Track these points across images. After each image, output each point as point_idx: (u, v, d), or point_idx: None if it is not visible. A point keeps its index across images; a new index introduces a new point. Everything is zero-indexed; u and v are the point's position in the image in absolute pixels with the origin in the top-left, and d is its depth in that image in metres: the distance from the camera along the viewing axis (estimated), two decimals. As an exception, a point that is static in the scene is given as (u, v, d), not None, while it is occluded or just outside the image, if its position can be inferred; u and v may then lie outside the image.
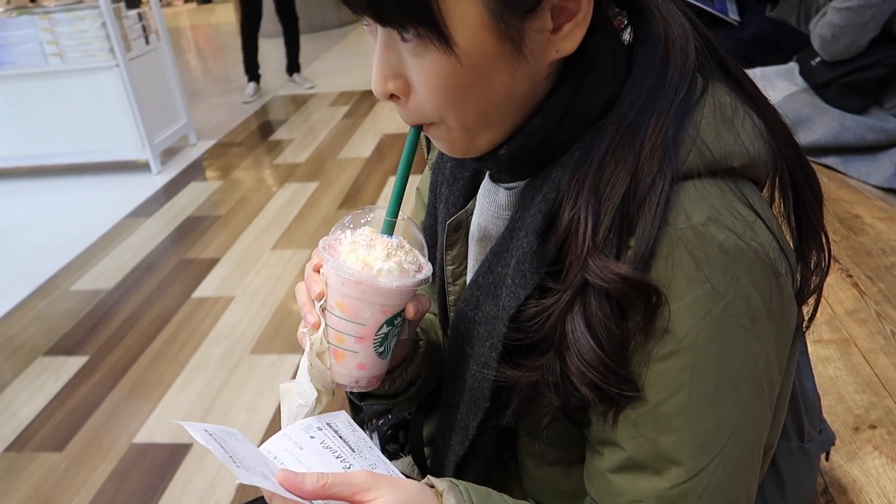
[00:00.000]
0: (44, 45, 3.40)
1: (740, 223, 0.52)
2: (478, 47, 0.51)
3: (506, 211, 0.65)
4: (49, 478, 1.72)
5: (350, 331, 0.61)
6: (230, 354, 2.13)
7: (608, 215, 0.52)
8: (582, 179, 0.54)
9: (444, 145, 0.60)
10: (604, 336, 0.53)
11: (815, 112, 2.40)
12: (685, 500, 0.55)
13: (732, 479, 0.56)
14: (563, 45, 0.53)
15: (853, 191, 2.28)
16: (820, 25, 2.32)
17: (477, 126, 0.57)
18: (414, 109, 0.57)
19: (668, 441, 0.55)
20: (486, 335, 0.61)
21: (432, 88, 0.54)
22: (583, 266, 0.52)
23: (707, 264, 0.51)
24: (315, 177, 3.48)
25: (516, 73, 0.54)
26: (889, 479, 1.20)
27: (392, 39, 0.54)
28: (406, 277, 0.59)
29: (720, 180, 0.54)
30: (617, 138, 0.54)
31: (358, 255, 0.59)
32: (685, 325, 0.52)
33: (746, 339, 0.53)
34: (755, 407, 0.56)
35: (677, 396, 0.53)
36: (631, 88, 0.56)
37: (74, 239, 2.98)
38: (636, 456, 0.56)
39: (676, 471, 0.55)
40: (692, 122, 0.54)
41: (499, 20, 0.51)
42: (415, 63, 0.53)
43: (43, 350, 2.24)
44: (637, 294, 0.51)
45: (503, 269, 0.60)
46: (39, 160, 3.68)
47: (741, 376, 0.54)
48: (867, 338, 1.55)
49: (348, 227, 0.63)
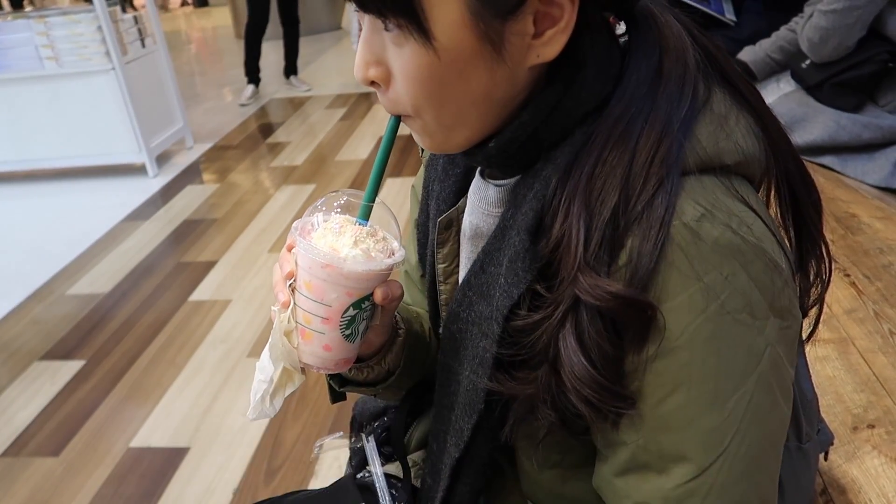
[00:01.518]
0: (39, 48, 3.39)
1: (735, 219, 0.52)
2: (457, 44, 0.51)
3: (496, 208, 0.65)
4: (45, 483, 1.71)
5: (317, 311, 0.61)
6: (227, 358, 2.12)
7: (598, 230, 0.52)
8: (572, 191, 0.54)
9: (421, 139, 0.61)
10: (596, 354, 0.52)
11: (810, 112, 2.41)
12: (690, 499, 0.55)
13: (742, 479, 0.55)
14: (545, 50, 0.53)
15: (850, 190, 2.28)
16: (807, 28, 2.32)
17: (453, 123, 0.57)
18: (392, 99, 0.57)
19: (669, 440, 0.54)
20: (480, 335, 0.60)
21: (410, 80, 0.54)
22: (573, 282, 0.52)
23: (701, 261, 0.50)
24: (312, 179, 3.48)
25: (495, 74, 0.54)
26: (888, 479, 1.20)
27: (377, 26, 0.54)
28: (372, 263, 0.60)
29: (713, 177, 0.54)
30: (607, 150, 0.53)
31: (327, 240, 0.61)
32: (680, 323, 0.51)
33: (748, 336, 0.52)
34: (764, 404, 0.55)
35: (676, 395, 0.53)
36: (622, 97, 0.55)
37: (71, 243, 2.97)
38: (639, 456, 0.56)
39: (680, 470, 0.54)
40: (688, 122, 0.54)
41: (479, 20, 0.51)
42: (395, 52, 0.54)
43: (39, 354, 2.23)
44: (630, 311, 0.51)
45: (496, 268, 0.59)
46: (35, 164, 3.68)
47: (744, 373, 0.53)
48: (865, 337, 1.55)
49: (321, 210, 0.64)
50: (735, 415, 0.53)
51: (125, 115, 3.47)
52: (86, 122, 3.50)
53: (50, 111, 3.49)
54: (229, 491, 1.62)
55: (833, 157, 2.39)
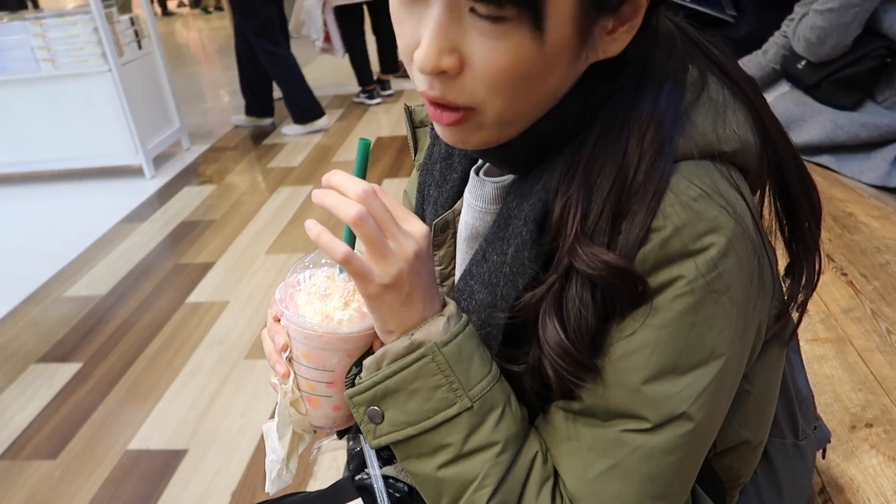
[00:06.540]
0: (35, 50, 3.38)
1: (730, 206, 0.53)
2: (560, 38, 0.50)
3: (493, 205, 0.65)
4: (43, 486, 1.70)
5: (320, 378, 0.61)
6: (225, 359, 2.12)
7: (598, 203, 0.52)
8: (574, 170, 0.54)
9: (459, 134, 0.56)
10: (572, 319, 0.53)
11: (807, 111, 2.41)
12: (618, 449, 0.55)
13: (673, 453, 0.55)
14: (611, 47, 0.53)
15: (847, 189, 2.28)
16: (803, 29, 2.32)
17: (514, 118, 0.55)
18: (459, 89, 0.52)
19: (618, 398, 0.54)
20: (481, 325, 0.60)
21: (498, 72, 0.50)
22: (570, 251, 0.52)
23: (695, 240, 0.51)
24: (309, 181, 3.47)
25: (570, 68, 0.53)
26: (886, 478, 1.20)
27: (460, 12, 0.49)
28: (367, 320, 0.59)
29: (711, 163, 0.55)
30: (607, 127, 0.54)
31: (315, 307, 0.59)
32: (665, 297, 0.52)
33: (722, 320, 0.53)
34: (716, 396, 0.55)
35: (638, 355, 0.53)
36: (622, 88, 0.56)
37: (67, 245, 2.97)
38: (590, 407, 0.56)
39: (621, 423, 0.55)
40: (685, 110, 0.55)
41: (584, 15, 0.50)
42: (485, 43, 0.49)
43: (36, 357, 2.22)
44: (621, 283, 0.51)
45: (499, 257, 0.59)
46: (32, 166, 3.67)
47: (709, 356, 0.53)
48: (862, 336, 1.55)
49: (308, 267, 0.63)
50: (686, 393, 0.53)
51: (122, 116, 3.47)
52: (82, 124, 3.50)
53: (46, 113, 3.49)
54: (227, 493, 1.62)
55: (829, 156, 2.39)
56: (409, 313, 0.55)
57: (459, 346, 0.55)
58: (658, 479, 0.55)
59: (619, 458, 0.55)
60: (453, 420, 0.56)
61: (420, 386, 0.55)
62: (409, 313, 0.55)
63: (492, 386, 0.57)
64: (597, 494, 0.56)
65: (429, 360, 0.55)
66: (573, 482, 0.57)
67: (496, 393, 0.57)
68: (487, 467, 0.56)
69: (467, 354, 0.56)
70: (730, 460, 0.67)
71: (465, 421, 0.56)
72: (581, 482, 0.56)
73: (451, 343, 0.55)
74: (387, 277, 0.53)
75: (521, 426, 0.59)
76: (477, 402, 0.56)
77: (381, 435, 0.58)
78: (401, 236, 0.53)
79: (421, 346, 0.55)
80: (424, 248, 0.55)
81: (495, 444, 0.56)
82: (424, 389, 0.55)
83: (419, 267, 0.54)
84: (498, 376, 0.58)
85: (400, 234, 0.53)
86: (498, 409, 0.57)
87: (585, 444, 0.56)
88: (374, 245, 0.52)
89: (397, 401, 0.56)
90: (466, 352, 0.56)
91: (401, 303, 0.54)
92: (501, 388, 0.58)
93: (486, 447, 0.56)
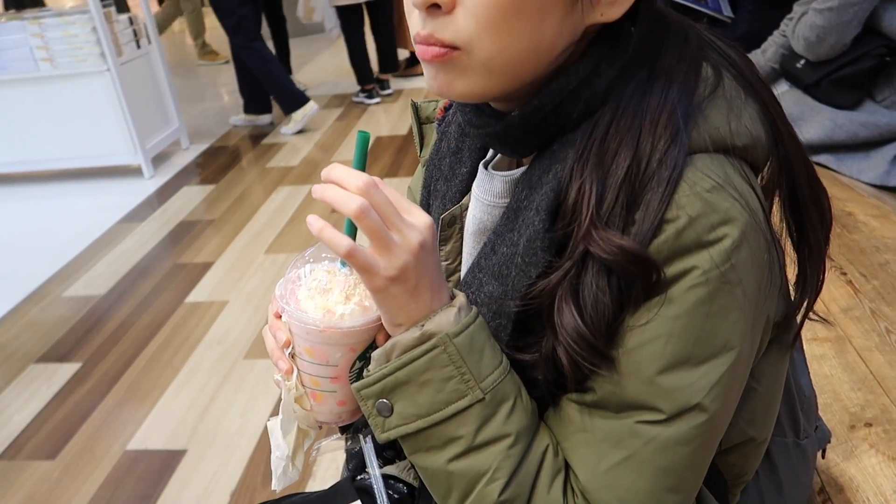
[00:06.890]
0: (34, 50, 3.38)
1: (742, 197, 0.53)
2: None
3: (502, 199, 0.65)
4: (42, 486, 1.70)
5: (324, 373, 0.61)
6: (224, 359, 2.12)
7: (613, 189, 0.52)
8: (587, 155, 0.54)
9: (447, 79, 0.56)
10: (588, 304, 0.53)
11: (807, 111, 2.41)
12: (632, 440, 0.55)
13: (688, 444, 0.55)
14: (609, 11, 0.54)
15: (846, 188, 2.28)
16: (803, 28, 2.32)
17: (501, 67, 0.55)
18: (450, 27, 0.53)
19: (633, 388, 0.54)
20: (491, 316, 0.60)
21: (489, 7, 0.51)
22: (585, 236, 0.52)
23: (709, 231, 0.51)
24: (308, 180, 3.47)
25: (563, 22, 0.54)
26: (885, 477, 1.20)
27: None
28: (369, 314, 0.59)
29: (723, 156, 0.55)
30: (619, 112, 0.55)
31: (316, 302, 0.59)
32: (681, 287, 0.52)
33: (735, 312, 0.53)
34: (729, 389, 0.55)
35: (653, 345, 0.53)
36: (632, 77, 0.56)
37: (66, 244, 2.96)
38: (604, 398, 0.56)
39: (634, 414, 0.55)
40: (698, 103, 0.55)
41: None
42: None
43: (35, 357, 2.22)
44: (636, 269, 0.51)
45: (509, 248, 0.59)
46: (31, 166, 3.67)
47: (722, 347, 0.53)
48: (862, 336, 1.55)
49: (308, 262, 0.62)
50: (700, 385, 0.53)
51: (121, 116, 3.46)
52: (81, 124, 3.49)
53: (45, 113, 3.48)
54: (227, 493, 1.62)
55: (829, 155, 2.39)
56: (416, 305, 0.55)
57: (471, 336, 0.55)
58: (672, 471, 0.55)
59: (633, 450, 0.55)
60: (465, 412, 0.55)
61: (431, 377, 0.55)
62: (416, 305, 0.55)
63: (503, 377, 0.56)
64: (610, 487, 0.56)
65: (440, 351, 0.54)
66: (586, 474, 0.57)
67: (507, 385, 0.57)
68: (499, 460, 0.55)
69: (479, 345, 0.56)
70: (734, 458, 0.67)
71: (476, 413, 0.55)
72: (594, 474, 0.56)
73: (463, 334, 0.54)
74: (392, 270, 0.52)
75: (531, 419, 0.58)
76: (489, 394, 0.55)
77: (389, 428, 0.57)
78: (405, 227, 0.53)
79: (432, 337, 0.54)
80: (429, 239, 0.54)
81: (507, 437, 0.56)
82: (435, 381, 0.55)
83: (425, 258, 0.54)
84: (508, 368, 0.58)
85: (404, 225, 0.53)
86: (509, 401, 0.56)
87: (598, 436, 0.56)
88: (377, 237, 0.52)
89: (407, 393, 0.56)
90: (478, 343, 0.56)
91: (408, 295, 0.54)
92: (512, 379, 0.58)
93: (497, 439, 0.56)
